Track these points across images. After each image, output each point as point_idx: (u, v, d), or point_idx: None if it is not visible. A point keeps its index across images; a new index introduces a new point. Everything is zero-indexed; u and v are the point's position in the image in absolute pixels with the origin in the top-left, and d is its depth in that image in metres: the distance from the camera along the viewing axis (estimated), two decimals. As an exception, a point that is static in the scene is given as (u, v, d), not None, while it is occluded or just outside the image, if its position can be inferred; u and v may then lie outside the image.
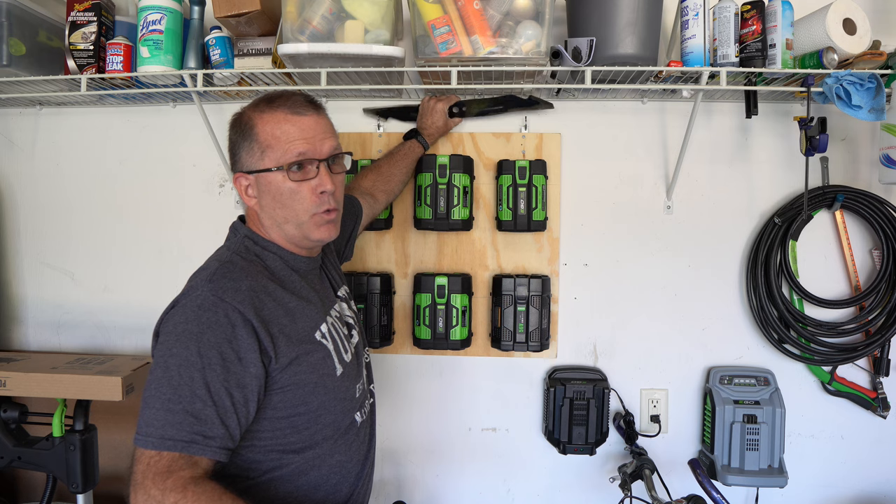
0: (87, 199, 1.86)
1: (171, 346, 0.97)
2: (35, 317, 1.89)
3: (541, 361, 1.77)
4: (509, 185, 1.65)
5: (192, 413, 0.94)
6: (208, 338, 0.96)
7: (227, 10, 1.49)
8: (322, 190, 1.09)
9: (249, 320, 0.99)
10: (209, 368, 0.95)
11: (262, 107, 1.10)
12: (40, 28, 1.65)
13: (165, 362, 0.96)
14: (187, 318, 0.98)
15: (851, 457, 1.72)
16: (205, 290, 1.00)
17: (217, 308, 0.98)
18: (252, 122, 1.10)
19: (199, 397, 0.94)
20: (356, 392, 1.18)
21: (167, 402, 0.94)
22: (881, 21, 1.62)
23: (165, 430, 0.92)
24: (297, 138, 1.08)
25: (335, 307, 1.23)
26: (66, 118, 1.86)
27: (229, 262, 1.08)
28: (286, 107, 1.09)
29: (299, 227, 1.11)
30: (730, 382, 1.67)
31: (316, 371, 1.07)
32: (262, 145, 1.08)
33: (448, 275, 1.66)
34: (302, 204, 1.09)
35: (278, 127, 1.08)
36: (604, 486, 1.72)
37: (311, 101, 1.13)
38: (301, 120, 1.09)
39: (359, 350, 1.26)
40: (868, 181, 1.68)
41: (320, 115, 1.13)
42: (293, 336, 1.05)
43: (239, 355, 0.98)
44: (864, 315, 1.66)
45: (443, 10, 1.43)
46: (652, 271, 1.74)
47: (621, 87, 1.56)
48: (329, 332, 1.13)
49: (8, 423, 1.55)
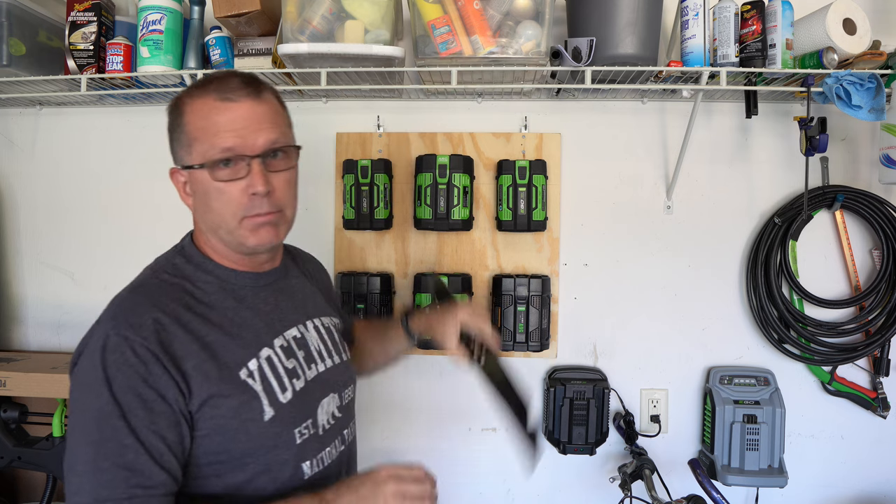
0: (86, 199, 1.86)
1: (83, 400, 0.85)
2: (35, 317, 1.89)
3: (541, 361, 1.77)
4: (509, 185, 1.65)
5: (124, 466, 0.82)
6: (120, 382, 0.84)
7: (227, 10, 1.49)
8: (252, 191, 0.91)
9: (158, 357, 0.86)
10: (131, 413, 0.83)
11: (193, 90, 0.94)
12: (40, 28, 1.65)
13: (81, 419, 0.85)
14: (94, 365, 0.85)
15: (851, 457, 1.72)
16: (107, 329, 0.87)
17: (123, 347, 0.85)
18: (181, 109, 0.94)
19: (128, 447, 0.83)
20: (296, 438, 0.97)
21: (92, 462, 0.82)
22: (881, 21, 1.62)
23: (98, 492, 0.81)
24: (225, 130, 0.90)
25: (292, 330, 1.04)
26: (66, 118, 1.86)
27: (140, 286, 0.95)
28: (215, 91, 0.91)
29: (230, 233, 0.94)
30: (730, 382, 1.67)
31: (237, 416, 0.90)
32: (189, 136, 0.93)
33: (448, 275, 1.66)
34: (229, 207, 0.92)
35: (205, 116, 0.91)
36: (604, 486, 1.72)
37: (248, 83, 0.94)
38: (231, 107, 0.91)
39: (324, 383, 1.05)
40: (868, 181, 1.68)
41: (259, 100, 0.93)
42: (211, 374, 0.90)
43: (159, 392, 0.85)
44: (864, 315, 1.66)
45: (443, 10, 1.43)
46: (652, 271, 1.74)
47: (621, 87, 1.56)
48: (260, 368, 0.95)
49: (8, 423, 1.55)
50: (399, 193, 1.76)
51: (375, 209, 1.66)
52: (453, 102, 1.78)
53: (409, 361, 1.79)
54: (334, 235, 1.79)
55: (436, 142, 1.76)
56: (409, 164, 1.75)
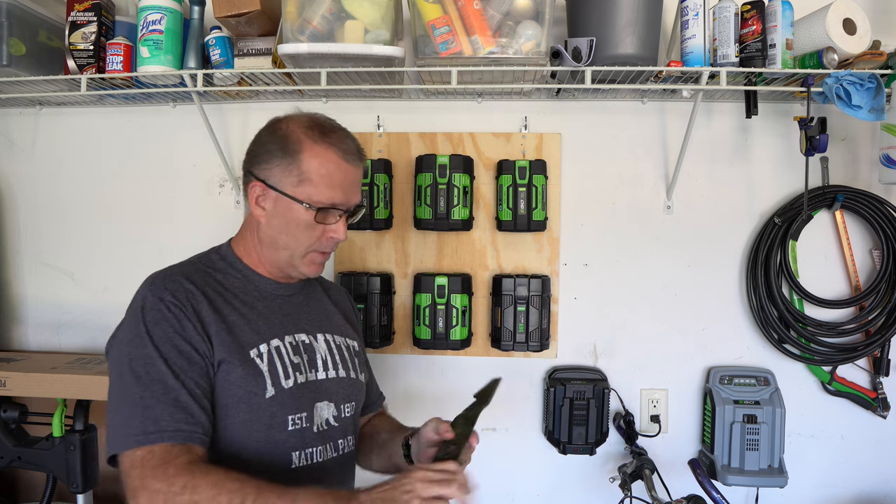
0: (86, 199, 1.86)
1: (127, 351, 0.96)
2: (35, 317, 1.89)
3: (541, 361, 1.77)
4: (509, 185, 1.65)
5: (169, 403, 0.92)
6: (159, 334, 0.96)
7: (227, 10, 1.49)
8: (334, 236, 1.10)
9: (189, 316, 0.99)
10: (172, 360, 0.95)
11: (315, 135, 1.07)
12: (40, 28, 1.65)
13: (128, 365, 0.95)
14: (135, 321, 0.98)
15: (851, 457, 1.72)
16: (145, 292, 1.01)
17: (159, 306, 0.98)
18: (300, 146, 1.06)
19: (172, 387, 0.93)
20: (288, 424, 1.04)
21: (141, 400, 0.92)
22: (881, 21, 1.62)
23: (147, 425, 0.90)
24: (339, 186, 1.07)
25: (302, 335, 1.13)
26: (66, 118, 1.86)
27: (176, 266, 1.08)
28: (340, 149, 1.08)
29: (293, 257, 1.10)
30: (730, 382, 1.67)
31: (242, 386, 1.01)
32: (303, 174, 1.05)
33: (448, 275, 1.66)
34: (310, 240, 1.09)
35: (325, 166, 1.06)
36: (604, 486, 1.71)
37: (360, 151, 1.12)
38: (348, 169, 1.09)
39: (322, 389, 1.11)
40: (868, 181, 1.68)
41: (361, 167, 1.13)
42: (226, 343, 1.01)
43: (193, 345, 0.98)
44: (864, 315, 1.66)
45: (443, 10, 1.43)
46: (652, 271, 1.74)
47: (621, 87, 1.56)
48: (269, 353, 1.05)
49: (8, 423, 1.55)
50: (399, 193, 1.76)
51: (375, 209, 1.66)
52: (453, 102, 1.78)
53: (409, 361, 1.79)
54: (334, 235, 1.79)
55: (436, 142, 1.76)
56: (409, 164, 1.75)
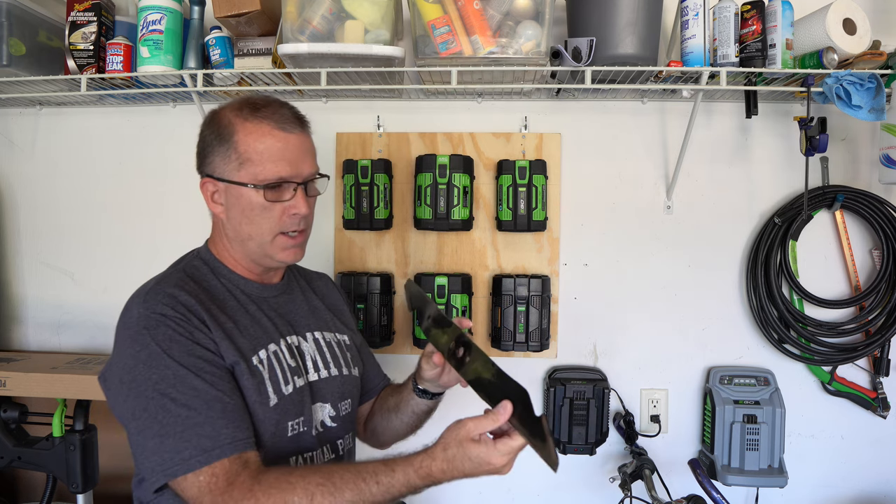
0: (86, 198, 1.86)
1: (148, 375, 0.90)
2: (35, 317, 1.88)
3: (541, 361, 1.77)
4: (509, 185, 1.65)
5: (217, 415, 0.89)
6: (177, 350, 0.91)
7: (227, 10, 1.49)
8: (295, 212, 1.04)
9: (196, 325, 0.95)
10: (203, 372, 0.91)
11: (245, 113, 1.02)
12: (40, 28, 1.65)
13: (154, 389, 0.89)
14: (142, 343, 0.91)
15: (851, 457, 1.72)
16: (140, 311, 0.94)
17: (165, 321, 0.93)
18: (233, 129, 1.01)
19: (215, 398, 0.90)
20: (288, 431, 1.02)
21: (186, 420, 0.87)
22: (881, 21, 1.62)
23: (203, 443, 0.86)
24: (280, 158, 1.01)
25: (292, 338, 1.10)
26: (66, 118, 1.86)
27: (164, 277, 1.03)
28: (273, 120, 1.02)
29: (262, 245, 1.05)
30: (730, 382, 1.67)
31: (249, 395, 0.97)
32: (241, 157, 1.01)
33: (448, 275, 1.66)
34: (270, 223, 1.03)
35: (261, 141, 1.00)
36: (604, 486, 1.71)
37: (298, 117, 1.06)
38: (287, 138, 1.02)
39: (316, 391, 1.09)
40: (868, 181, 1.68)
41: (305, 133, 1.06)
42: (231, 351, 0.98)
43: (212, 352, 0.95)
44: (864, 315, 1.66)
45: (443, 10, 1.43)
46: (652, 271, 1.74)
47: (621, 87, 1.56)
48: (269, 358, 1.03)
49: (8, 423, 1.55)
50: (399, 193, 1.76)
51: (375, 209, 1.66)
52: (453, 102, 1.78)
53: (410, 361, 1.78)
54: (334, 235, 1.79)
55: (436, 142, 1.76)
56: (409, 164, 1.75)
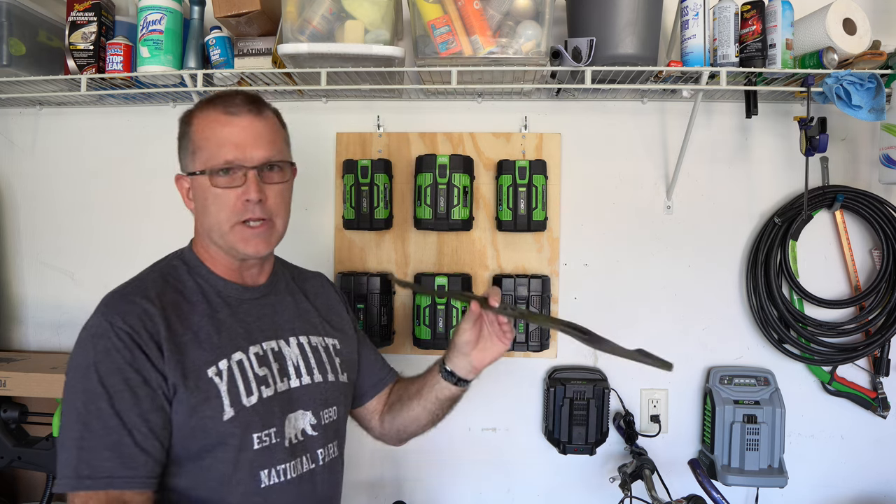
0: (86, 199, 1.86)
1: (75, 382, 0.92)
2: (35, 317, 1.88)
3: (541, 361, 1.77)
4: (509, 185, 1.65)
5: (106, 447, 0.88)
6: (107, 366, 0.91)
7: (227, 10, 1.49)
8: (246, 198, 1.00)
9: (141, 345, 0.93)
10: (117, 396, 0.90)
11: (202, 104, 1.04)
12: (40, 28, 1.65)
13: (72, 399, 0.91)
14: (84, 350, 0.93)
15: (851, 457, 1.72)
16: (98, 318, 0.96)
17: (110, 334, 0.93)
18: (190, 121, 1.04)
19: (112, 429, 0.89)
20: (254, 443, 0.99)
21: (79, 441, 0.88)
22: (881, 21, 1.62)
23: (80, 468, 0.87)
24: (226, 143, 0.99)
25: (271, 343, 1.07)
26: (66, 118, 1.86)
27: (134, 280, 1.04)
28: (221, 106, 1.01)
29: (223, 237, 1.02)
30: (730, 382, 1.67)
31: (196, 413, 0.95)
32: (195, 145, 1.02)
33: (448, 275, 1.66)
34: (223, 212, 1.00)
35: (209, 128, 1.01)
36: (604, 486, 1.71)
37: (251, 101, 1.03)
38: (233, 121, 1.00)
39: (295, 398, 1.06)
40: (868, 181, 1.68)
41: (259, 117, 1.03)
42: (180, 367, 0.96)
43: (144, 377, 0.92)
44: (864, 315, 1.66)
45: (443, 10, 1.43)
46: (652, 271, 1.74)
47: (621, 87, 1.56)
48: (230, 369, 0.99)
49: (8, 423, 1.55)
50: (399, 193, 1.76)
51: (375, 209, 1.66)
52: (453, 102, 1.78)
53: (410, 361, 1.79)
54: (334, 235, 1.79)
55: (436, 142, 1.76)
56: (409, 164, 1.75)
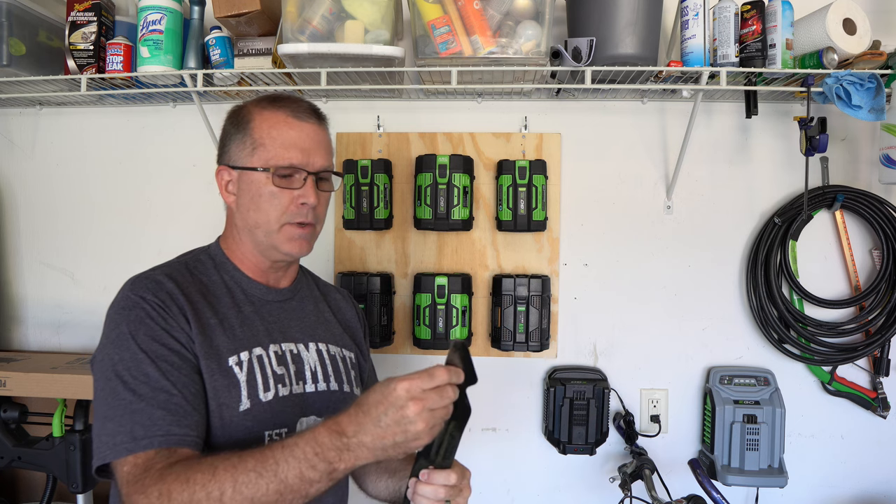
0: (86, 199, 1.86)
1: (112, 354, 0.91)
2: (35, 317, 1.88)
3: (541, 361, 1.77)
4: (509, 185, 1.65)
5: (158, 406, 0.87)
6: (144, 332, 0.91)
7: (227, 10, 1.49)
8: (303, 201, 1.02)
9: (173, 311, 0.94)
10: (160, 360, 0.90)
11: (264, 104, 1.06)
12: (40, 28, 1.65)
13: (112, 370, 0.89)
14: (117, 323, 0.92)
15: (852, 457, 1.72)
16: (125, 293, 0.96)
17: (142, 304, 0.93)
18: (250, 117, 1.05)
19: (162, 389, 0.88)
20: (265, 441, 0.98)
21: (129, 405, 0.87)
22: (881, 21, 1.62)
23: (135, 430, 0.86)
24: (293, 146, 1.02)
25: (290, 345, 1.07)
26: (66, 118, 1.86)
27: (162, 265, 1.04)
28: (289, 109, 1.05)
29: (269, 235, 1.03)
30: (730, 382, 1.67)
31: (215, 398, 0.94)
32: (255, 142, 1.03)
33: (448, 275, 1.66)
34: (277, 210, 1.02)
35: (276, 128, 1.03)
36: (604, 486, 1.72)
37: (314, 110, 1.08)
38: (301, 126, 1.04)
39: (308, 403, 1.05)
40: (868, 181, 1.68)
41: (321, 126, 1.08)
42: (203, 349, 0.95)
43: (181, 342, 0.93)
44: (864, 315, 1.66)
45: (443, 10, 1.43)
46: (652, 271, 1.74)
47: (621, 87, 1.56)
48: (249, 361, 0.99)
49: (8, 423, 1.55)
50: (399, 193, 1.76)
51: (375, 209, 1.66)
52: (453, 102, 1.78)
53: (409, 361, 1.79)
54: (334, 235, 1.79)
55: (436, 142, 1.76)
56: (409, 164, 1.75)
